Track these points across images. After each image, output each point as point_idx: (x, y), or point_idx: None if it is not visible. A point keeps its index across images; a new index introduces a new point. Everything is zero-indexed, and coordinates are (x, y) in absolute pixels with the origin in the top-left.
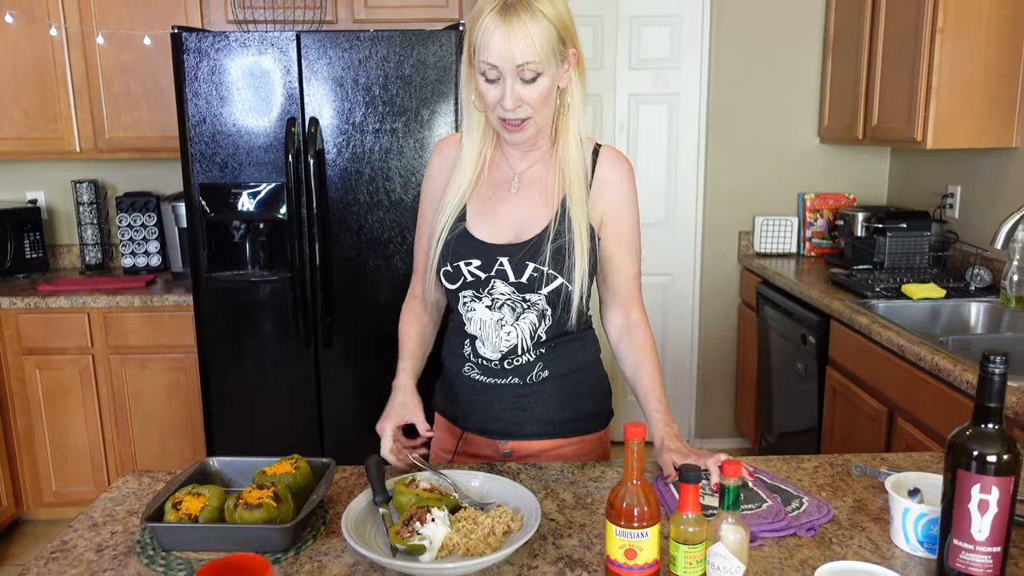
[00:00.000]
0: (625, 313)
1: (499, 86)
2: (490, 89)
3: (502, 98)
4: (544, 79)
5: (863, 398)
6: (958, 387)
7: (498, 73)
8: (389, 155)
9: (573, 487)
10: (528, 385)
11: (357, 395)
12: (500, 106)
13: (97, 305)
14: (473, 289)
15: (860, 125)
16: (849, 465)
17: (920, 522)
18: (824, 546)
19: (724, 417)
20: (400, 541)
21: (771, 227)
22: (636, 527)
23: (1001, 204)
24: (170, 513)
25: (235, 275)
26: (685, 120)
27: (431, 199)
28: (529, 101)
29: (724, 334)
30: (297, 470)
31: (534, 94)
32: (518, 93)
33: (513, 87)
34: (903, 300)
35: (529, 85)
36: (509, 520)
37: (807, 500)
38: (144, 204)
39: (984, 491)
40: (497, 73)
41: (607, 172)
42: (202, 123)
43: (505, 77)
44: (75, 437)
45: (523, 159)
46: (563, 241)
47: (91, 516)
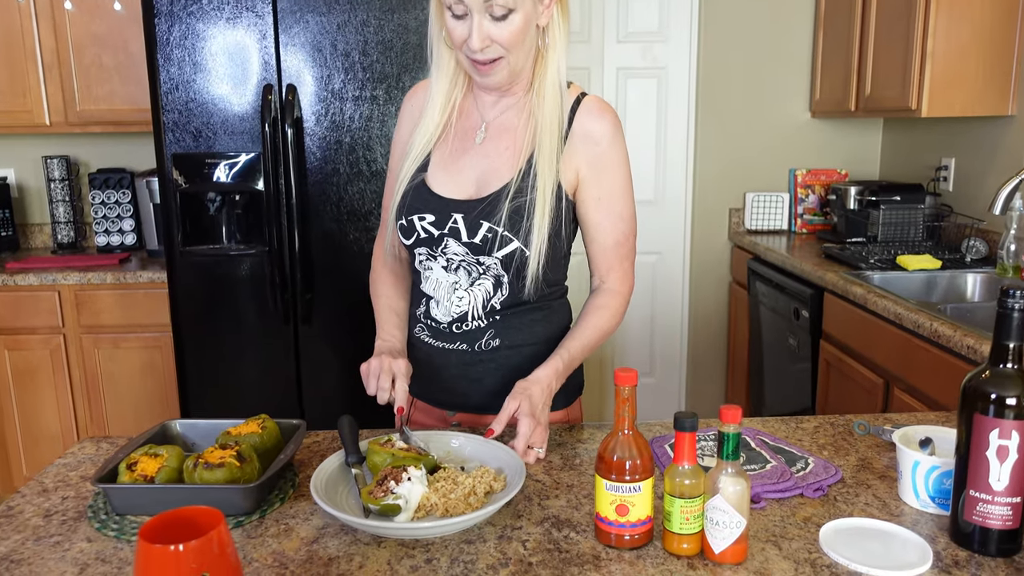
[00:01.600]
0: (601, 277)
1: (466, 22)
2: (457, 25)
3: (469, 36)
4: (517, 16)
5: (858, 370)
6: (959, 352)
7: (464, 8)
8: (370, 123)
9: (561, 448)
10: (476, 353)
11: (337, 373)
12: (467, 45)
13: (68, 283)
14: (427, 247)
15: (852, 96)
16: (850, 425)
17: (931, 476)
18: (828, 504)
19: (715, 397)
20: (373, 501)
21: (762, 204)
22: (628, 480)
23: (996, 174)
24: (124, 474)
25: (211, 249)
26: (674, 95)
27: (399, 148)
28: (500, 40)
29: (714, 313)
30: (264, 430)
31: (505, 33)
32: (487, 31)
33: (481, 24)
34: (898, 271)
35: (499, 22)
36: (491, 480)
37: (813, 461)
38: (118, 181)
39: (1003, 436)
40: (464, 8)
41: (586, 124)
42: (175, 90)
43: (472, 13)
44: (46, 420)
45: (495, 106)
46: (523, 200)
47: (42, 482)
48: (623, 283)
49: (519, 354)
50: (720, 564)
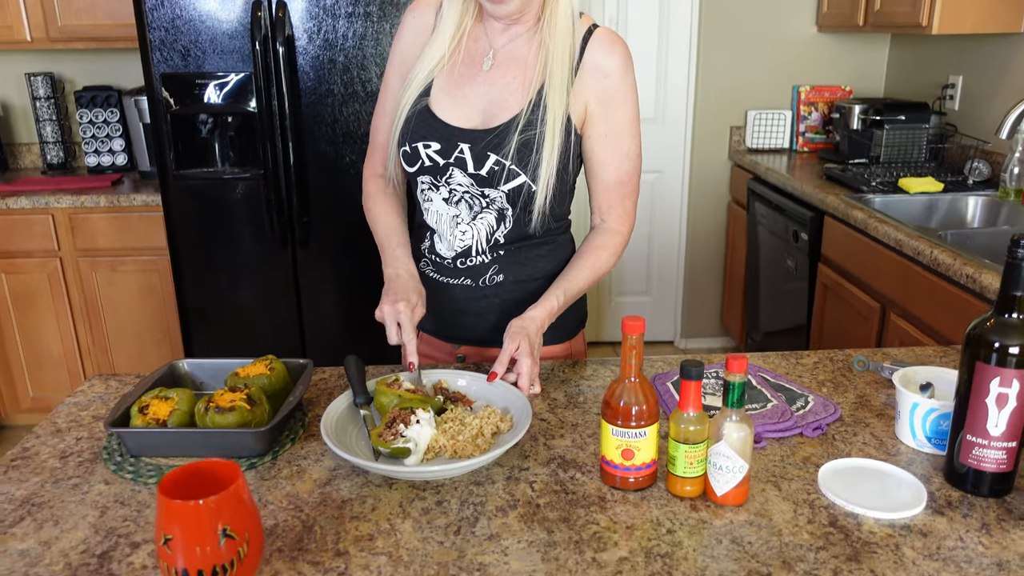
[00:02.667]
0: (601, 215)
1: None
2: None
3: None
4: None
5: (856, 294)
6: (957, 281)
7: None
8: (364, 41)
9: (564, 386)
10: (480, 288)
11: (337, 295)
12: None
13: (61, 206)
14: (431, 175)
15: (861, 10)
16: (850, 360)
17: (929, 417)
18: (827, 443)
19: (710, 316)
20: (383, 444)
21: (764, 121)
22: (634, 426)
23: (1004, 94)
24: (136, 418)
25: (204, 173)
26: (677, 9)
27: (398, 66)
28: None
29: (712, 232)
30: (272, 371)
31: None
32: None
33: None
34: (900, 195)
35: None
36: (498, 421)
37: (812, 399)
38: (105, 99)
39: (1004, 384)
40: None
41: (596, 57)
42: (160, 7)
43: None
44: (48, 343)
45: (504, 32)
46: (532, 134)
47: (54, 422)
48: (623, 222)
49: (523, 289)
50: (722, 506)
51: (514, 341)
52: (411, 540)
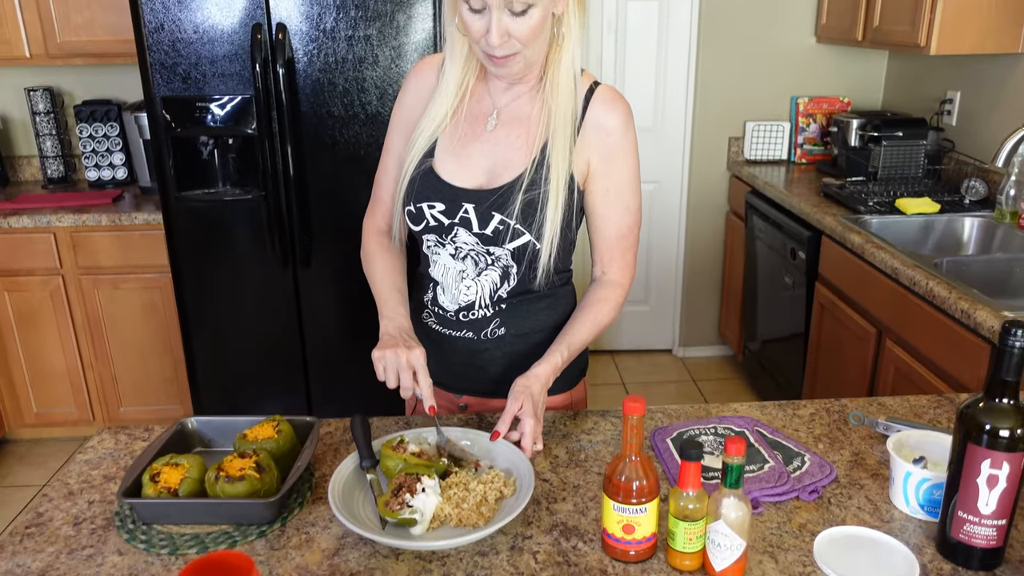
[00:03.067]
0: (602, 268)
1: (484, 17)
2: (474, 20)
3: (487, 31)
4: (536, 11)
5: (852, 317)
6: (952, 315)
7: (483, 3)
8: (363, 64)
9: (566, 441)
10: (482, 340)
11: (338, 314)
12: (485, 40)
13: (63, 224)
14: (436, 234)
15: (860, 26)
16: (845, 412)
17: (922, 487)
18: (823, 508)
19: (708, 325)
20: (390, 514)
21: (762, 133)
22: (635, 503)
23: (1002, 112)
24: (148, 486)
25: (206, 194)
26: (676, 19)
27: (400, 126)
28: (518, 36)
29: (710, 242)
30: (279, 434)
31: (524, 28)
32: (505, 27)
33: (500, 20)
34: (897, 215)
35: (518, 18)
36: (501, 486)
37: (809, 458)
38: (105, 113)
39: (995, 466)
40: (482, 3)
41: (599, 115)
42: (160, 30)
43: (491, 8)
44: (52, 359)
45: (507, 92)
46: (537, 193)
47: (66, 483)
48: (624, 275)
49: (525, 341)
50: None
51: (517, 401)
52: None
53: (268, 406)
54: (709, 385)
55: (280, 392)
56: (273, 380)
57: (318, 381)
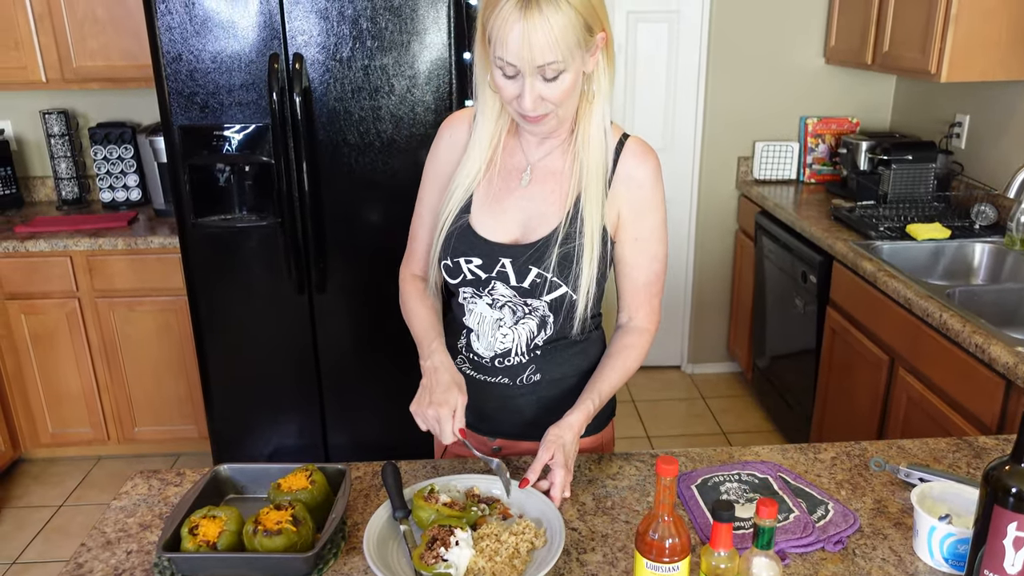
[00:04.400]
0: (630, 314)
1: (517, 83)
2: (507, 85)
3: (520, 96)
4: (567, 75)
5: (864, 343)
6: (966, 348)
7: (516, 71)
8: (379, 93)
9: (592, 487)
10: (518, 387)
11: (353, 338)
12: (518, 102)
13: (79, 248)
14: (473, 287)
15: (870, 50)
16: (866, 456)
17: (947, 541)
18: (848, 559)
19: (717, 342)
20: (425, 568)
21: (771, 153)
22: (667, 561)
23: (1011, 138)
24: (187, 540)
25: (222, 220)
26: (686, 39)
27: (434, 179)
28: (551, 99)
29: (719, 260)
30: (313, 484)
31: (556, 92)
32: (539, 92)
33: (533, 86)
34: (907, 241)
35: (551, 83)
36: (532, 537)
37: (832, 506)
38: (119, 136)
39: (1020, 528)
40: (516, 71)
41: (630, 168)
42: (178, 59)
43: (524, 76)
44: (67, 380)
45: (539, 147)
46: (572, 246)
47: (103, 531)
48: (650, 320)
49: (558, 386)
50: None
51: (548, 451)
52: None
53: (282, 428)
54: (718, 402)
55: (294, 415)
56: (288, 403)
57: (332, 404)
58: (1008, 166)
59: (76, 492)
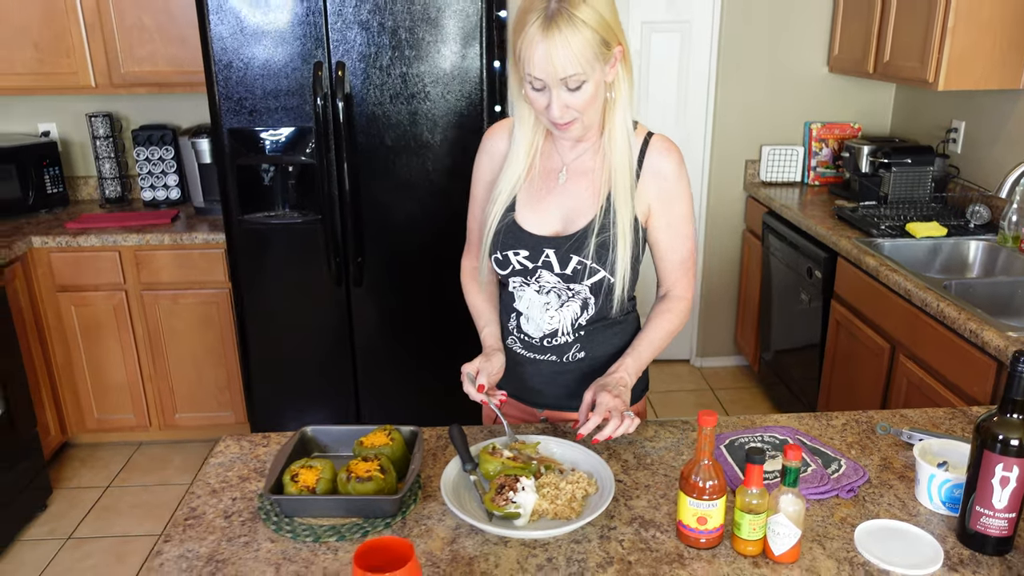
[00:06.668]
0: (668, 288)
1: (545, 94)
2: (537, 97)
3: (549, 105)
4: (589, 85)
5: (867, 333)
6: (961, 334)
7: (543, 84)
8: (415, 99)
9: (632, 447)
10: (564, 363)
11: (388, 330)
12: (547, 112)
13: (127, 244)
14: (522, 276)
15: (871, 60)
16: (872, 423)
17: (944, 486)
18: (859, 504)
19: (725, 336)
20: (497, 508)
21: (777, 157)
22: (707, 499)
23: (1004, 143)
24: (289, 485)
25: (266, 216)
26: (696, 49)
27: (481, 181)
28: (576, 107)
29: (727, 258)
30: (392, 441)
31: (580, 100)
32: (564, 101)
33: (559, 96)
34: (907, 239)
35: (575, 92)
36: (586, 485)
37: (844, 462)
38: (160, 138)
39: (1006, 469)
40: (543, 84)
41: (655, 162)
42: (228, 67)
43: (550, 88)
44: (113, 370)
45: (572, 150)
46: (607, 236)
47: (208, 482)
48: (687, 290)
49: (600, 362)
50: (779, 563)
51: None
52: None
53: (318, 413)
54: (726, 394)
55: (330, 400)
56: (324, 389)
57: (367, 390)
58: (1001, 169)
59: (120, 475)
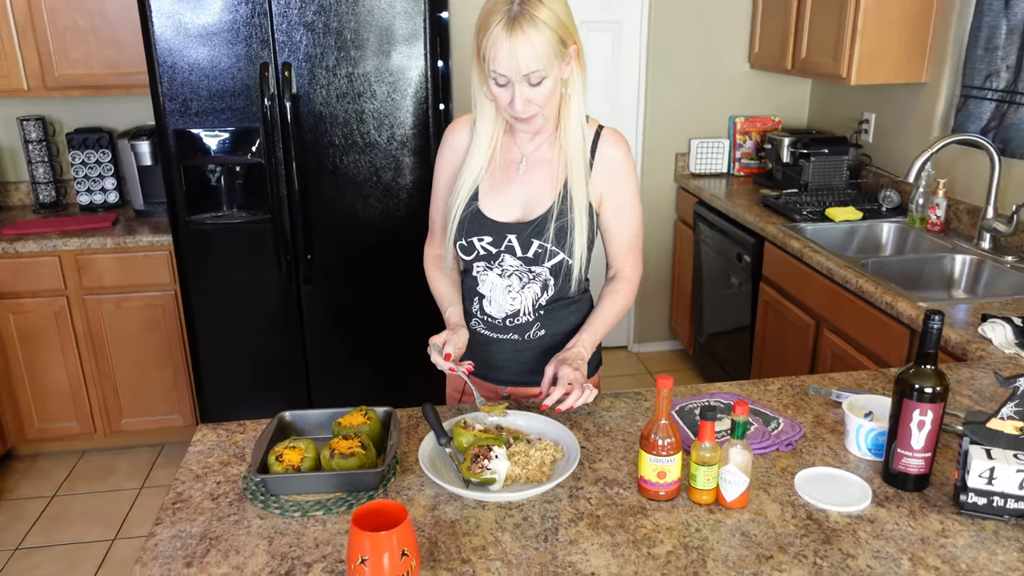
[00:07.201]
0: (617, 268)
1: (508, 90)
2: (501, 92)
3: (512, 100)
4: (549, 81)
5: (793, 311)
6: (878, 307)
7: (507, 80)
8: (362, 98)
9: (591, 418)
10: (526, 341)
11: (339, 324)
12: (510, 106)
13: (68, 248)
14: (486, 261)
15: (789, 57)
16: (805, 386)
17: (870, 435)
18: (797, 456)
19: (660, 323)
20: (473, 475)
21: (705, 149)
22: (665, 455)
23: (910, 132)
24: (275, 465)
25: (214, 217)
26: (627, 47)
27: (443, 174)
28: (536, 101)
29: (661, 247)
30: (369, 420)
31: (540, 95)
32: (526, 96)
33: (522, 91)
34: (827, 223)
35: (536, 88)
36: (554, 451)
37: (782, 421)
38: (97, 140)
39: (922, 414)
40: (506, 80)
41: (606, 152)
42: (173, 68)
43: (514, 83)
44: (55, 377)
45: (531, 142)
46: (565, 220)
47: (190, 469)
48: (635, 271)
49: (559, 338)
50: (731, 509)
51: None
52: (514, 548)
53: (271, 411)
54: None
55: (283, 398)
56: (276, 387)
57: (319, 386)
58: (908, 156)
59: (66, 483)
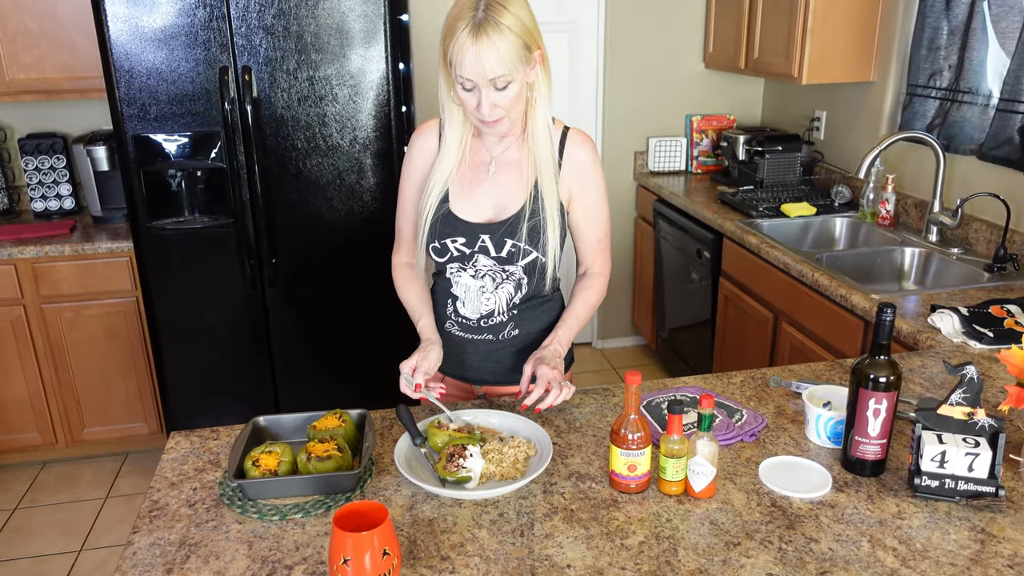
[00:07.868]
0: (587, 266)
1: (475, 94)
2: (468, 96)
3: (479, 104)
4: (514, 85)
5: (752, 305)
6: (833, 299)
7: (474, 84)
8: (323, 101)
9: (562, 415)
10: (500, 341)
11: (304, 327)
12: (477, 110)
13: (24, 256)
14: (459, 262)
15: (742, 57)
16: (766, 378)
17: (829, 423)
18: (760, 446)
19: (623, 319)
20: (448, 474)
21: (663, 148)
22: (635, 449)
23: (860, 129)
24: (252, 470)
25: (175, 222)
26: (584, 48)
27: (410, 179)
28: (503, 105)
29: (622, 245)
30: (344, 423)
31: (506, 99)
32: (493, 100)
33: (488, 95)
34: (782, 218)
35: (501, 92)
36: (527, 449)
37: (745, 412)
38: (51, 146)
39: (878, 403)
40: (473, 84)
41: (574, 153)
42: (130, 72)
43: (480, 88)
44: (13, 387)
45: (499, 144)
46: (537, 220)
47: (165, 476)
48: (604, 267)
49: (533, 338)
50: (699, 499)
51: (529, 365)
52: (491, 543)
53: (238, 416)
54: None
55: (249, 402)
56: (242, 391)
57: (286, 389)
58: (858, 153)
59: (28, 495)
